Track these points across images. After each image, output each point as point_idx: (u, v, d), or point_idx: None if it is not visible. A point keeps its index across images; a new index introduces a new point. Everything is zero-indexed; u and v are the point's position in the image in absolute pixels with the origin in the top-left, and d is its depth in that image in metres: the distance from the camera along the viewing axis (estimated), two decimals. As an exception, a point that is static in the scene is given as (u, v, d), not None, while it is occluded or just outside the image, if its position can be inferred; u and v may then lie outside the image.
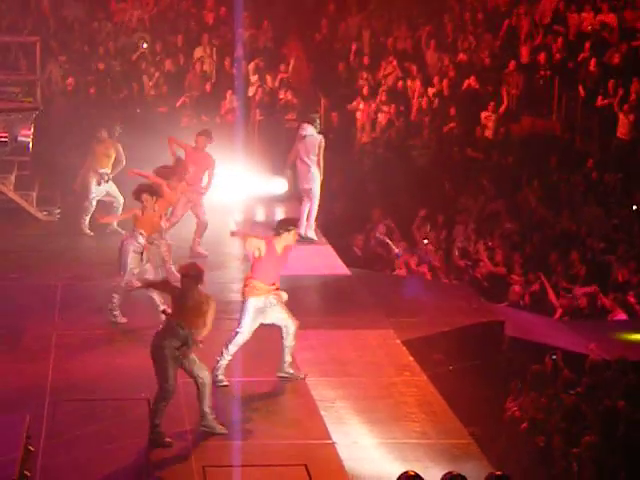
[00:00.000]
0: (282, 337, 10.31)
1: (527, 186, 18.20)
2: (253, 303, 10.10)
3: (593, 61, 18.93)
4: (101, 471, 8.70)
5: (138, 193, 11.87)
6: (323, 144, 14.48)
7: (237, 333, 10.18)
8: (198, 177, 13.99)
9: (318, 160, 14.47)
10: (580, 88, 19.03)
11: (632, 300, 14.37)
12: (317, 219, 16.51)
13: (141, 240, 11.75)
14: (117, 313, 11.83)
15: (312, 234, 14.82)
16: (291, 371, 10.41)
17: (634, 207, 17.19)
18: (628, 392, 10.86)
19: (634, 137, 18.13)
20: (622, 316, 14.12)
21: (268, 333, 10.68)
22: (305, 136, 14.44)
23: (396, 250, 15.92)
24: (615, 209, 17.27)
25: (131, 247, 11.72)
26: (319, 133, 14.60)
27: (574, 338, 12.73)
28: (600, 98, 18.62)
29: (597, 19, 19.97)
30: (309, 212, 14.79)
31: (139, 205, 11.89)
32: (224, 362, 10.21)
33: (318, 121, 14.80)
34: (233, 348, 10.19)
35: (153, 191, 11.94)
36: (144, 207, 11.82)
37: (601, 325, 13.96)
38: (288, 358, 10.37)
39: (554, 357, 11.89)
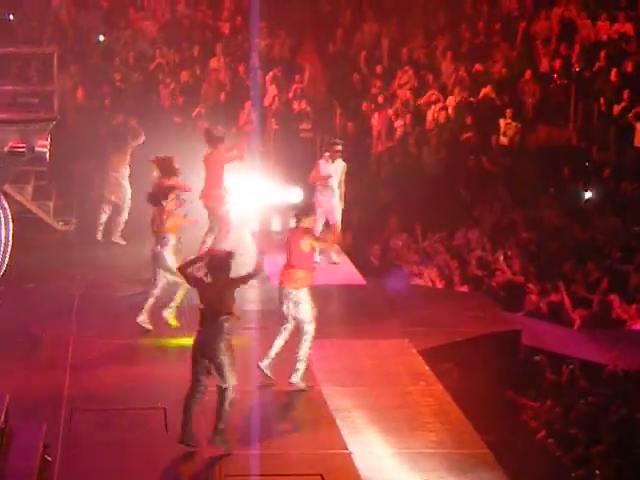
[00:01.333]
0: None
1: (543, 195, 18.16)
2: (308, 292, 10.37)
3: (611, 71, 18.90)
4: (118, 480, 8.72)
5: (161, 197, 11.67)
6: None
7: (305, 330, 10.38)
8: (211, 182, 13.76)
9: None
10: (597, 98, 19.00)
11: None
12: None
13: (173, 242, 11.68)
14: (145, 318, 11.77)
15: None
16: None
17: None
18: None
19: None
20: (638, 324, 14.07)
21: (286, 343, 10.71)
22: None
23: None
24: (632, 218, 17.21)
25: (167, 253, 11.64)
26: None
27: (591, 348, 12.69)
28: (616, 107, 18.58)
29: (613, 29, 19.95)
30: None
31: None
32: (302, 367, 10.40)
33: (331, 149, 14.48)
34: (307, 347, 10.40)
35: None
36: (168, 211, 11.68)
37: (619, 335, 13.90)
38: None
39: (571, 367, 11.85)
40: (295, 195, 17.09)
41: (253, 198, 16.25)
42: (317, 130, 19.89)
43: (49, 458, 8.64)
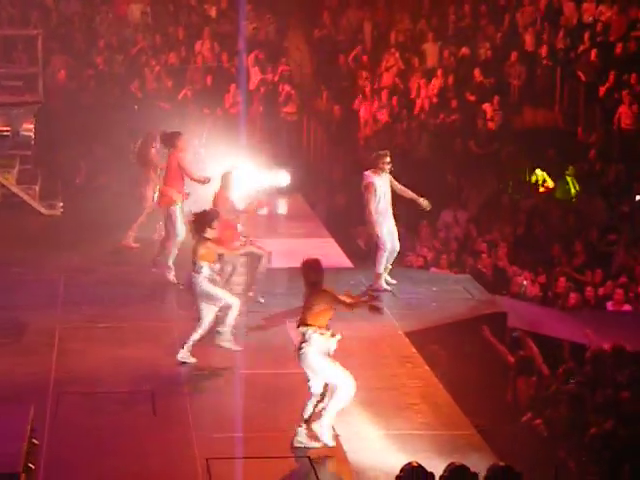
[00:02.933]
0: None
1: (529, 178, 18.20)
2: None
3: (594, 52, 18.92)
4: (105, 464, 8.70)
5: (207, 222, 10.56)
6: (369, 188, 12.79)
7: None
8: (166, 180, 13.14)
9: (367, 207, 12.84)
10: (582, 79, 19.02)
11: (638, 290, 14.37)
12: (322, 214, 16.50)
13: (207, 272, 10.56)
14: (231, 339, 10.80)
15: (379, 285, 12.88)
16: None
17: (637, 197, 17.17)
18: (630, 383, 10.85)
19: (637, 128, 18.11)
20: (626, 307, 14.13)
21: (271, 329, 10.74)
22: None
23: None
24: (618, 200, 17.25)
25: (204, 282, 10.52)
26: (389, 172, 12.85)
27: (577, 329, 12.73)
28: (602, 89, 18.59)
29: (598, 9, 19.94)
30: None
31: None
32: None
33: (382, 161, 12.71)
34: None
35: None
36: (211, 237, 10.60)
37: (605, 316, 13.95)
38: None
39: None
40: (282, 178, 17.12)
41: (240, 182, 16.24)
42: (303, 113, 19.86)
43: (36, 441, 8.64)
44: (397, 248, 12.87)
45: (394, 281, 12.94)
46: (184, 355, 10.61)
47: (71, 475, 8.55)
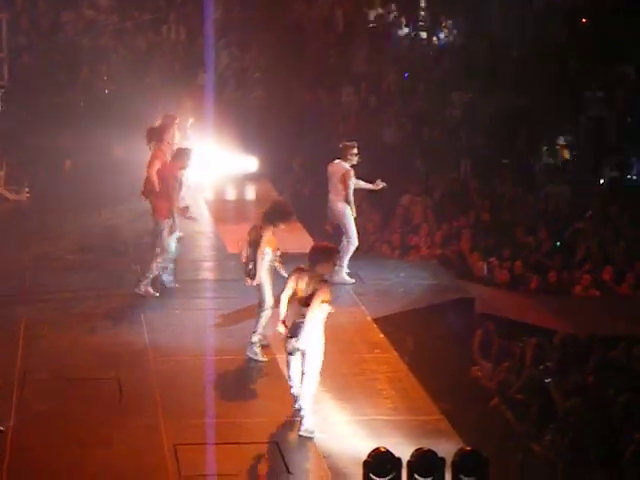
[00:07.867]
0: None
1: (497, 163, 18.25)
2: None
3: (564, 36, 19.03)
4: (71, 451, 8.66)
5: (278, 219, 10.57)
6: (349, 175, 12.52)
7: None
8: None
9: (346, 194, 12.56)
10: (551, 65, 19.10)
11: (605, 277, 14.47)
12: (290, 200, 16.43)
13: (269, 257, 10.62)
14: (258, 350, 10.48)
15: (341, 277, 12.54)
16: None
17: (601, 180, 17.34)
18: (598, 368, 10.95)
19: (602, 114, 18.24)
20: (592, 292, 14.23)
21: (241, 313, 10.73)
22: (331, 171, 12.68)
23: None
24: (583, 186, 17.36)
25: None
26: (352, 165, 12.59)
27: (544, 314, 12.80)
28: (571, 75, 18.69)
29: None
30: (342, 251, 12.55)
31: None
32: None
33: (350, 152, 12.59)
34: None
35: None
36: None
37: (571, 301, 14.05)
38: None
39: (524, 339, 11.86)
40: (250, 164, 17.09)
41: (208, 166, 16.19)
42: (272, 98, 19.80)
43: (2, 428, 8.59)
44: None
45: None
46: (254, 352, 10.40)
47: (37, 462, 8.50)
